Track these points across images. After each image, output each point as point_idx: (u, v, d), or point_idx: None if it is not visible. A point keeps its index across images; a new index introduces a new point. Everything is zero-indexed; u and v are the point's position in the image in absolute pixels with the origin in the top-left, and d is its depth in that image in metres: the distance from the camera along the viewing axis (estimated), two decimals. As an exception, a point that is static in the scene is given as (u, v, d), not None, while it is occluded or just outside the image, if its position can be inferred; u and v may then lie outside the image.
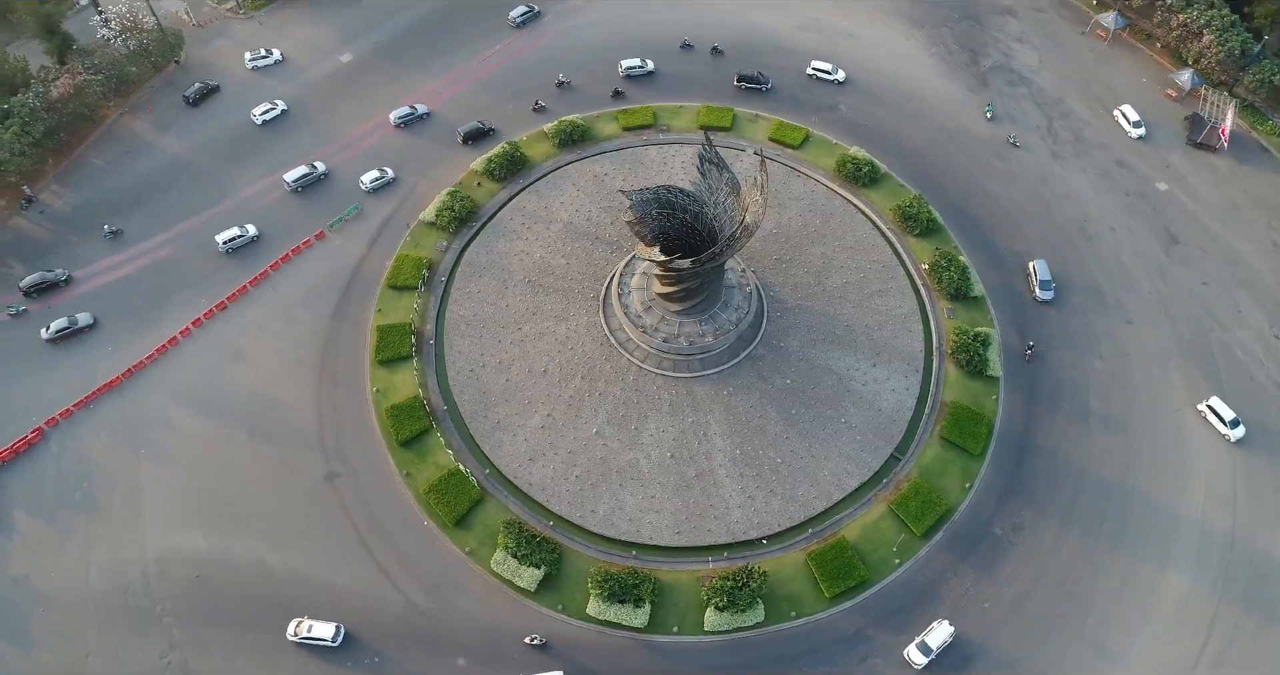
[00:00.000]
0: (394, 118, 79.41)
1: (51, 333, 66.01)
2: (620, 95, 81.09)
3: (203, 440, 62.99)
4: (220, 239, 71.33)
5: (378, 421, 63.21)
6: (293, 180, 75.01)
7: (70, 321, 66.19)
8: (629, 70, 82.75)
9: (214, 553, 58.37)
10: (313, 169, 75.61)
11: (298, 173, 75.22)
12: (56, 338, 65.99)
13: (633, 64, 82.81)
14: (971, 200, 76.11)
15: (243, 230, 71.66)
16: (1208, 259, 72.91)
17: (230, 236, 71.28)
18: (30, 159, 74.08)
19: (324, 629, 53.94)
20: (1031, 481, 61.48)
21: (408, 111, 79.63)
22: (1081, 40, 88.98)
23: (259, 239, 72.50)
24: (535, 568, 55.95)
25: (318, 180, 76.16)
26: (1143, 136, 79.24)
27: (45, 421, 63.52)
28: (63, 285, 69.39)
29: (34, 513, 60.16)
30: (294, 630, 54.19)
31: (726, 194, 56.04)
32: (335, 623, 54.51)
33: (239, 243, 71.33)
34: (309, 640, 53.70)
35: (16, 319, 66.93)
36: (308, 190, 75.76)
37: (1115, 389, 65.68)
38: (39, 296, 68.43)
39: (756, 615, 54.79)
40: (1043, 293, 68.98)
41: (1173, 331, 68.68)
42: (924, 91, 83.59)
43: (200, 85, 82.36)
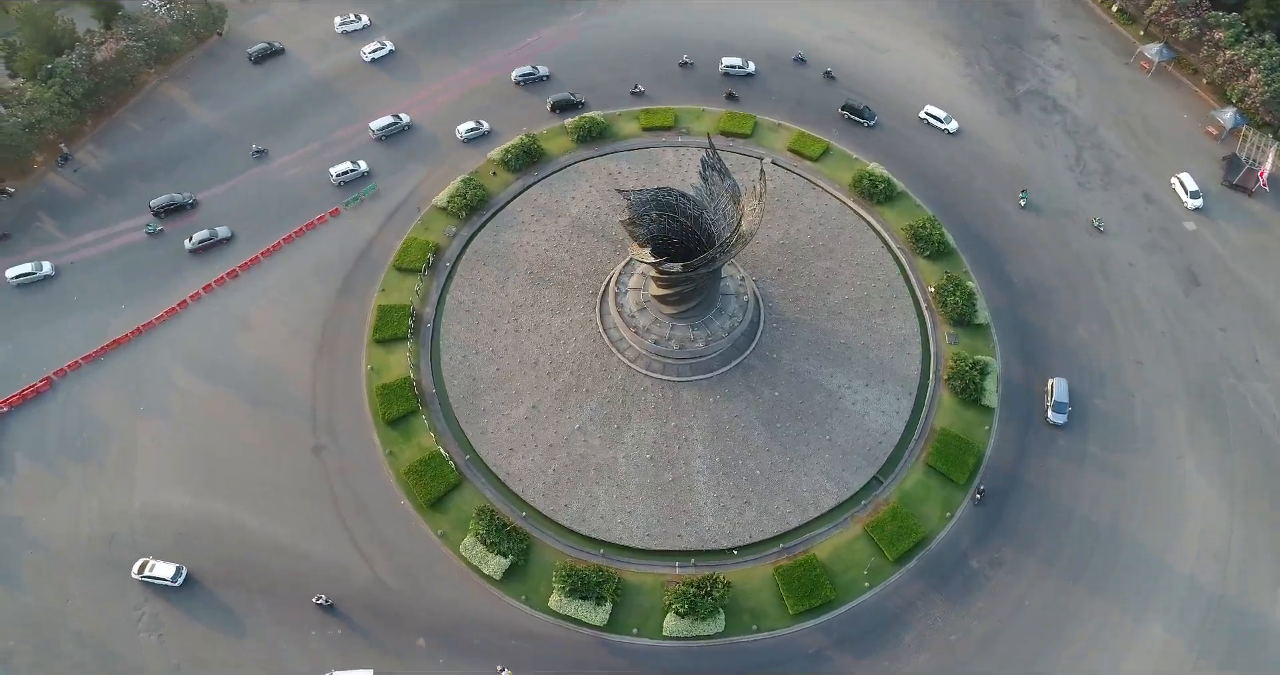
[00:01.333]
0: (516, 75, 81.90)
1: (194, 243, 71.15)
2: (734, 98, 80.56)
3: (201, 402, 64.78)
4: (334, 171, 75.45)
5: (368, 399, 64.32)
6: (378, 129, 78.16)
7: (211, 233, 71.61)
8: (729, 68, 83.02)
9: (198, 512, 60.01)
10: (397, 119, 78.64)
11: (383, 122, 78.41)
12: (198, 248, 71.34)
13: (733, 62, 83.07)
14: (988, 226, 74.62)
15: (355, 164, 75.75)
16: (1229, 303, 70.45)
17: (343, 170, 75.38)
18: (69, 118, 76.89)
19: (165, 569, 56.20)
20: (1015, 517, 60.10)
21: (528, 70, 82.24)
22: (1124, 70, 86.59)
23: (370, 174, 76.10)
24: (503, 557, 56.45)
25: (401, 131, 78.95)
26: (1201, 209, 74.45)
27: (54, 372, 65.94)
28: (189, 207, 73.97)
29: (35, 458, 62.48)
30: (137, 570, 56.45)
31: (727, 201, 55.80)
32: (177, 564, 56.77)
33: (350, 177, 75.47)
34: (150, 579, 56.02)
35: (154, 237, 72.41)
36: (392, 139, 78.60)
37: (1115, 431, 63.88)
38: (167, 217, 73.33)
39: (716, 625, 54.55)
40: (1055, 415, 62.26)
41: (1183, 376, 66.53)
42: (953, 112, 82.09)
43: (264, 46, 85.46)
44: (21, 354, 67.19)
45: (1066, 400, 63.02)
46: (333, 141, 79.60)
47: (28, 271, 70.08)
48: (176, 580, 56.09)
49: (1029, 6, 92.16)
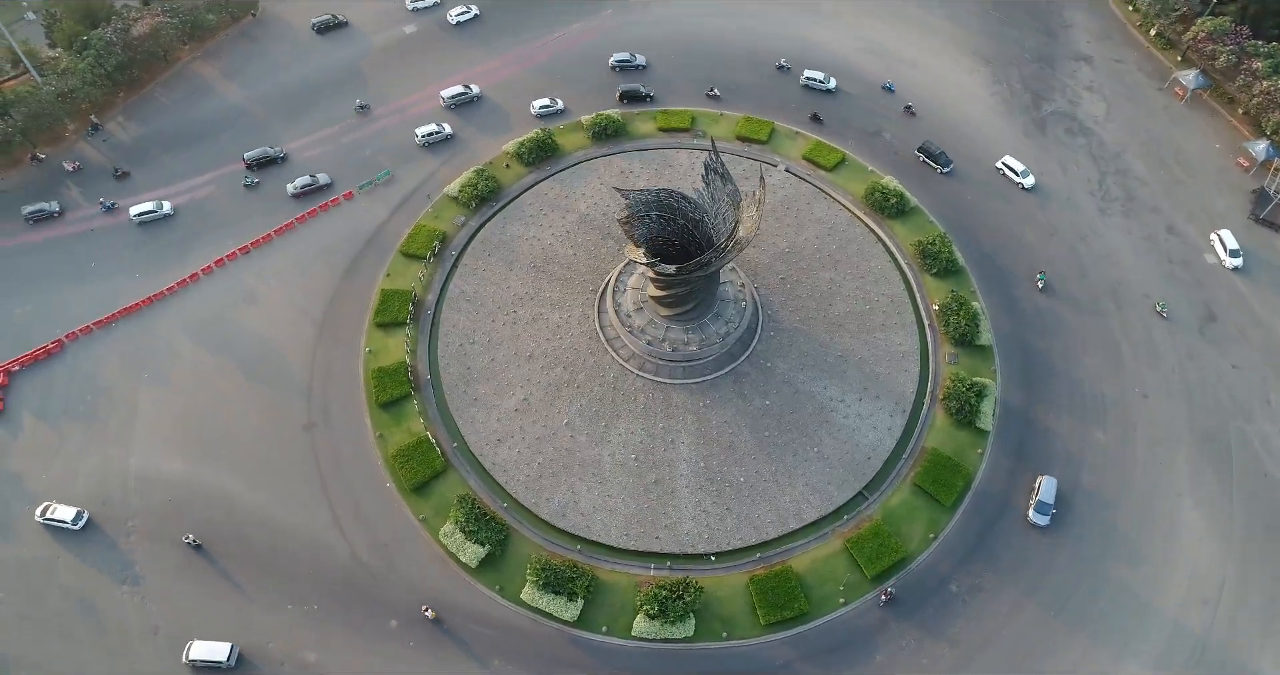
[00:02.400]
0: (613, 60, 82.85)
1: (296, 187, 74.74)
2: (819, 121, 78.64)
3: (202, 373, 66.14)
4: (420, 132, 77.52)
5: (364, 381, 65.16)
6: (449, 97, 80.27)
7: (312, 178, 74.97)
8: (810, 80, 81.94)
9: (189, 480, 61.28)
10: (467, 89, 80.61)
11: (453, 91, 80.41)
12: (299, 193, 74.84)
13: (815, 75, 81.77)
14: (1001, 247, 73.40)
15: (440, 127, 77.93)
16: (1245, 342, 68.49)
17: (429, 131, 77.52)
18: (101, 89, 78.97)
19: (66, 512, 57.58)
20: (1000, 544, 59.07)
21: (626, 56, 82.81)
22: (1157, 96, 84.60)
23: (452, 138, 78.26)
24: (480, 545, 56.85)
25: (471, 101, 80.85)
26: (1239, 268, 70.89)
27: (66, 334, 67.80)
28: (280, 162, 76.85)
29: (39, 417, 64.29)
30: (39, 513, 57.85)
31: (727, 205, 55.59)
32: (78, 508, 57.93)
33: (436, 138, 77.73)
34: (52, 522, 57.44)
35: (250, 189, 75.64)
36: (461, 108, 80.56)
37: (1113, 464, 62.49)
38: (259, 169, 76.44)
39: (686, 629, 54.39)
40: (1037, 515, 58.09)
41: (1189, 414, 64.83)
42: (976, 129, 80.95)
43: (329, 17, 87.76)
44: (39, 315, 69.19)
45: (1052, 502, 58.48)
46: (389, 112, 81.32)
47: (149, 210, 73.19)
48: (77, 523, 57.38)
49: (1066, 26, 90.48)
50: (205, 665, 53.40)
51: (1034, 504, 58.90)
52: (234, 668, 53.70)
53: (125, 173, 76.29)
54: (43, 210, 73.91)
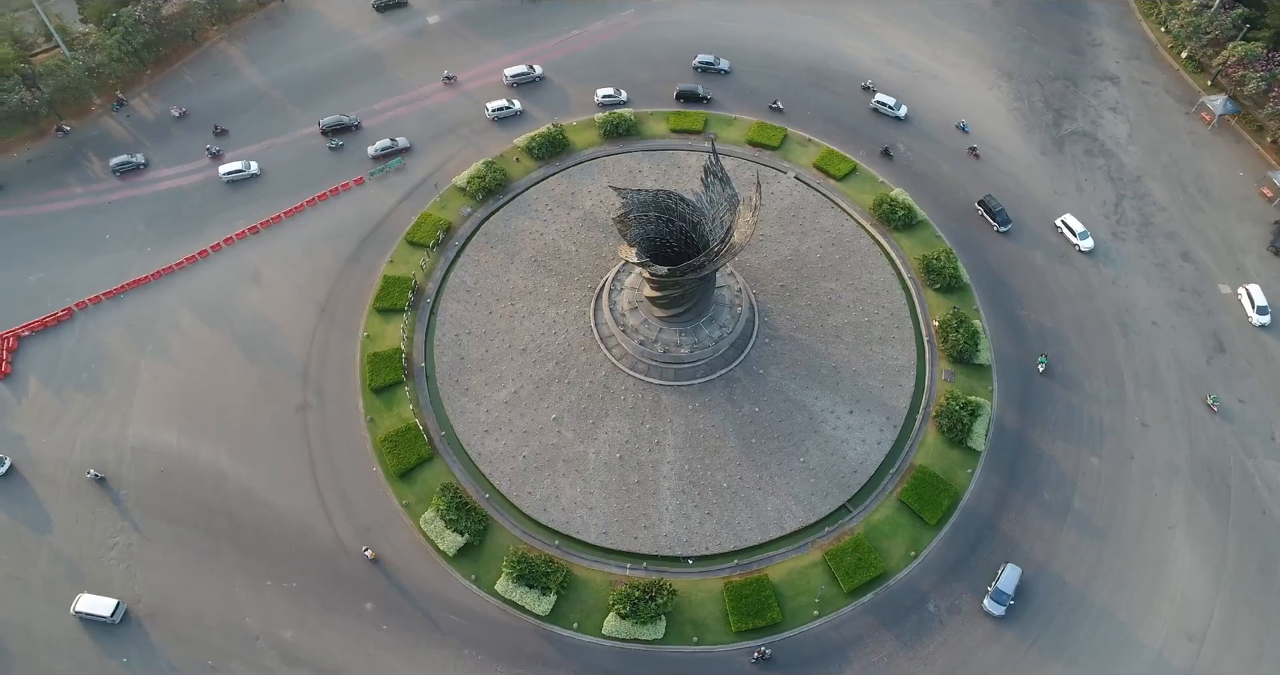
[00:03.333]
0: (697, 61, 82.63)
1: (376, 150, 77.51)
2: (889, 156, 76.18)
3: (203, 349, 67.34)
4: (490, 107, 79.94)
5: (359, 364, 65.90)
6: (511, 75, 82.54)
7: (392, 141, 77.77)
8: (880, 105, 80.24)
9: (182, 452, 62.41)
10: (530, 70, 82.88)
11: (516, 70, 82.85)
12: (379, 155, 77.57)
13: (886, 101, 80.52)
14: (1008, 266, 72.35)
15: (510, 103, 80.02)
16: (1254, 376, 66.84)
17: (498, 106, 79.82)
18: (127, 66, 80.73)
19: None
20: (983, 566, 58.20)
21: (710, 58, 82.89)
22: (1183, 120, 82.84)
23: (522, 115, 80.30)
24: (459, 534, 57.24)
25: (532, 81, 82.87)
26: (1265, 326, 67.54)
27: (77, 303, 69.39)
28: (354, 129, 79.40)
29: (45, 382, 65.90)
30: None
31: (725, 209, 55.43)
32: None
33: (505, 113, 79.84)
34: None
35: (335, 151, 78.73)
36: (523, 88, 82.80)
37: (1106, 492, 61.32)
38: (332, 135, 79.19)
39: (656, 631, 54.33)
40: (992, 604, 54.57)
41: (1189, 445, 63.43)
42: (992, 146, 79.86)
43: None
44: (52, 282, 70.91)
45: (1011, 592, 54.81)
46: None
47: (238, 169, 76.04)
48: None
49: (1094, 45, 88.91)
50: (90, 618, 54.66)
51: (991, 591, 55.27)
52: (118, 623, 54.88)
53: (224, 130, 79.12)
54: (128, 162, 76.41)
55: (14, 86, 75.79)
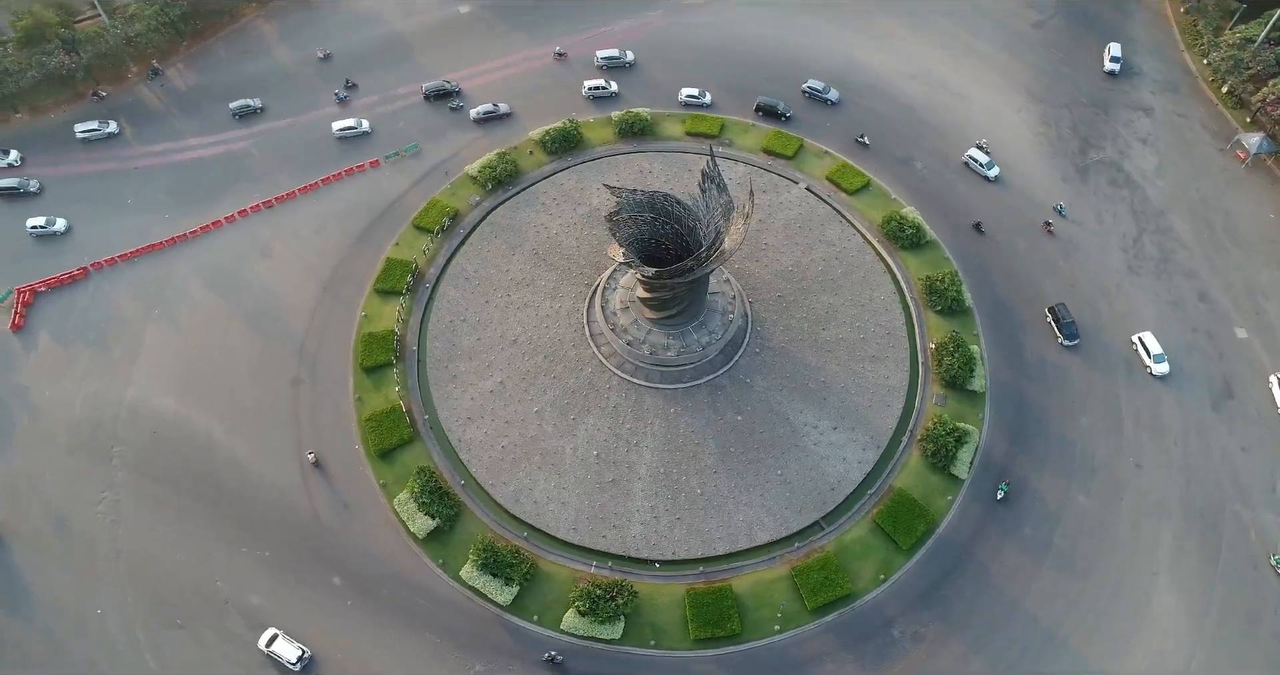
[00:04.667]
0: (805, 86, 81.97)
1: (479, 113, 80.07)
2: (979, 231, 72.40)
3: (207, 317, 69.06)
4: (587, 85, 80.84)
5: (354, 343, 66.97)
6: (602, 57, 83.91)
7: (494, 106, 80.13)
8: None
9: (177, 417, 64.09)
10: (623, 55, 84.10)
11: (607, 52, 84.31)
12: (482, 118, 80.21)
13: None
14: (1016, 293, 70.79)
15: (607, 84, 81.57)
16: (1260, 425, 64.52)
17: (595, 85, 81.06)
18: (164, 36, 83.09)
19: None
20: (953, 596, 57.17)
21: (819, 84, 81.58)
22: (1216, 156, 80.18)
23: (617, 96, 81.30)
24: (430, 518, 57.90)
25: (624, 67, 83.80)
26: None
27: (93, 263, 71.62)
28: (455, 95, 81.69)
29: (55, 337, 68.17)
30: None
31: (719, 215, 55.17)
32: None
33: (601, 95, 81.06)
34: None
35: (456, 112, 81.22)
36: (615, 71, 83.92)
37: (1091, 531, 59.76)
38: (435, 101, 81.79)
39: (614, 631, 54.38)
40: None
41: (1184, 490, 61.48)
42: (1013, 171, 78.19)
43: None
44: (74, 241, 73.29)
45: None
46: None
47: (350, 125, 78.71)
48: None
49: (1131, 73, 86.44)
50: None
51: None
52: None
53: (354, 84, 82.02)
54: (248, 106, 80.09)
55: (54, 50, 78.40)
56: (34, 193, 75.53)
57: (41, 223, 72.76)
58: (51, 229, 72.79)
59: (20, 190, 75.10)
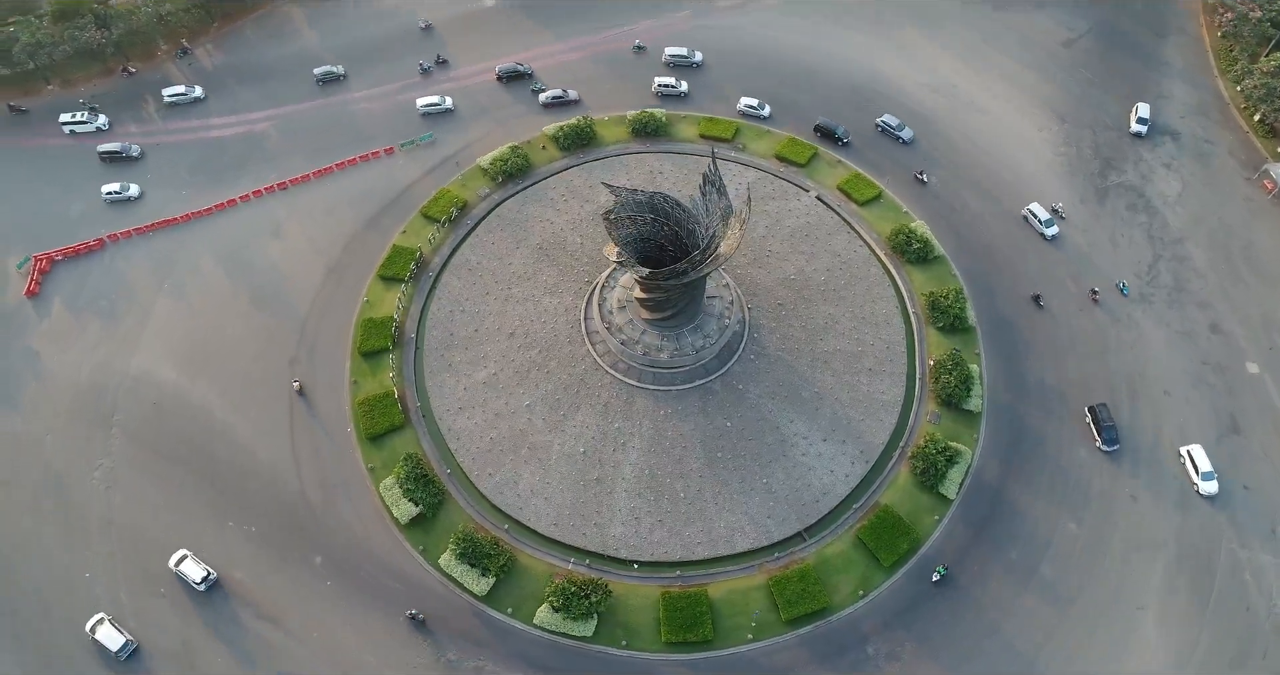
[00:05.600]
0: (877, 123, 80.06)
1: (548, 98, 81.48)
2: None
3: (215, 294, 70.32)
4: (657, 82, 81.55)
5: (354, 327, 67.74)
6: (671, 54, 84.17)
7: (563, 92, 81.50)
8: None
9: (178, 389, 65.33)
10: (691, 54, 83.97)
11: (676, 51, 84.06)
12: (550, 103, 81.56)
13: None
14: (1022, 315, 69.67)
15: (677, 83, 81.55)
16: (1266, 463, 62.85)
17: (664, 83, 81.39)
18: (195, 16, 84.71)
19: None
20: (931, 618, 56.42)
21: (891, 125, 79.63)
22: (1242, 186, 78.23)
23: (686, 97, 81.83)
24: (414, 504, 58.42)
25: (691, 66, 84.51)
26: None
27: (109, 235, 73.22)
28: (528, 77, 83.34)
29: (68, 305, 69.81)
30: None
31: (718, 219, 54.98)
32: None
33: (670, 93, 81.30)
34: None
35: (537, 93, 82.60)
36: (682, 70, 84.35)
37: (1079, 560, 58.63)
38: (508, 82, 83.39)
39: (586, 629, 54.48)
40: None
41: (1180, 525, 60.10)
42: (1029, 189, 76.96)
43: None
44: (94, 211, 75.00)
45: None
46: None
47: (434, 102, 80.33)
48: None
49: (1160, 97, 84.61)
50: None
51: None
52: None
53: (445, 60, 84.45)
54: (331, 72, 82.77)
55: (87, 25, 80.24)
56: (135, 157, 77.63)
57: (116, 188, 74.98)
58: (125, 194, 74.92)
59: (123, 154, 77.42)
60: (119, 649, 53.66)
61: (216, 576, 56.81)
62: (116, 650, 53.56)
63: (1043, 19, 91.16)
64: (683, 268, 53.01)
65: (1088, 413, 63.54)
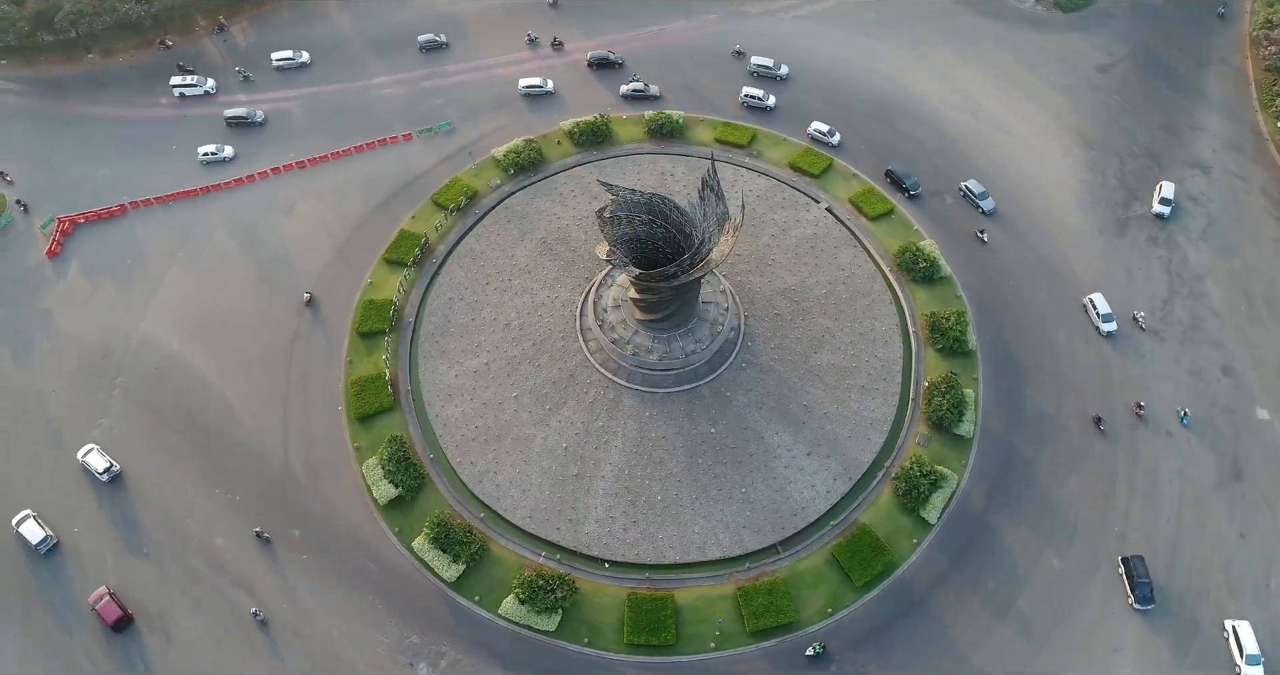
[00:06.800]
0: None
1: (629, 90, 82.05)
2: (1100, 429, 62.99)
3: (225, 266, 71.89)
4: (744, 94, 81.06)
5: (355, 307, 68.75)
6: (756, 65, 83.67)
7: (644, 85, 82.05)
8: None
9: (180, 356, 66.94)
10: (776, 66, 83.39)
11: (761, 61, 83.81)
12: (630, 96, 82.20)
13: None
14: (1025, 342, 68.25)
15: (764, 97, 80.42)
16: (1264, 512, 60.80)
17: (751, 94, 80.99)
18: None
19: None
20: (900, 641, 55.59)
21: None
22: (1271, 225, 75.71)
23: (773, 111, 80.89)
24: (393, 486, 59.14)
25: (775, 79, 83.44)
26: None
27: (130, 202, 75.26)
28: (619, 67, 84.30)
29: (84, 268, 71.93)
30: None
31: (714, 224, 54.75)
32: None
33: (755, 105, 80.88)
34: None
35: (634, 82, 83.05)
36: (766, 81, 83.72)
37: (1057, 596, 57.31)
38: (599, 68, 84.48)
39: (549, 623, 54.69)
40: None
41: (1168, 569, 58.33)
42: (1046, 214, 75.37)
43: None
44: (119, 179, 77.13)
45: None
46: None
47: (535, 83, 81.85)
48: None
49: (1194, 128, 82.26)
50: None
51: None
52: None
53: (560, 42, 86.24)
54: (435, 40, 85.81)
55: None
56: (259, 123, 80.00)
57: (212, 150, 77.53)
58: (220, 155, 77.44)
59: (249, 120, 79.82)
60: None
61: (119, 468, 60.55)
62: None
63: (1080, 42, 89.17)
64: (673, 271, 52.87)
65: (1120, 564, 57.15)
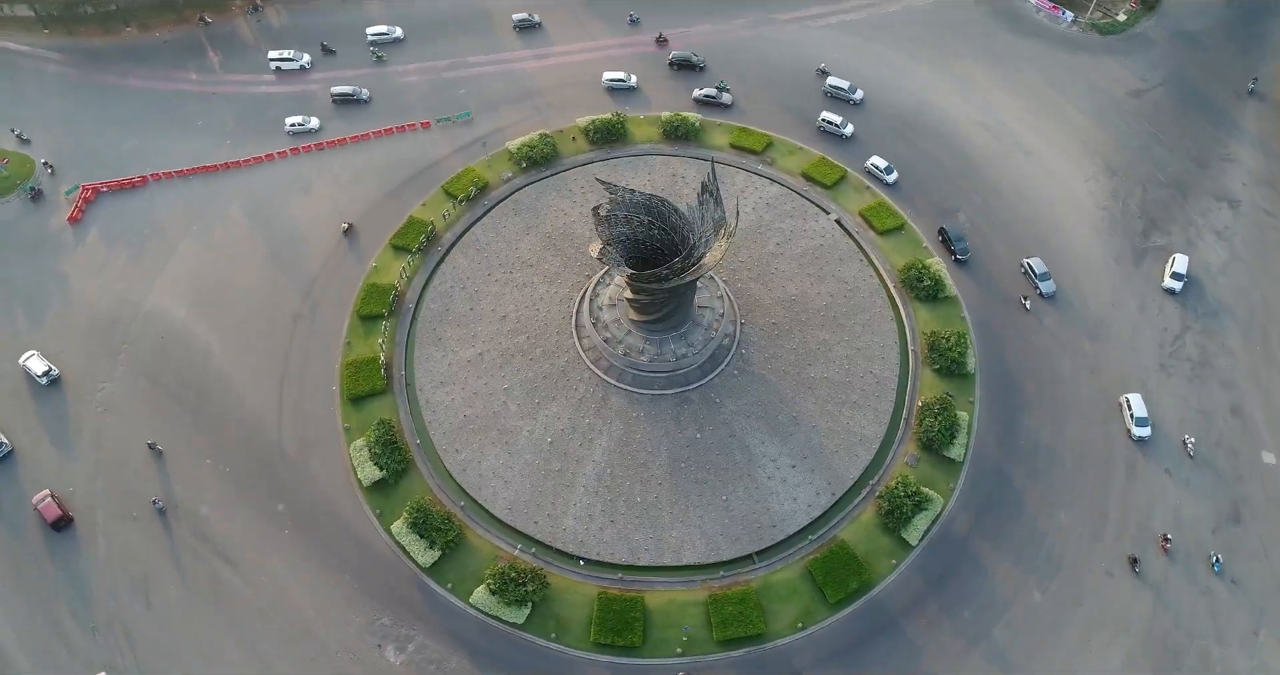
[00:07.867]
0: None
1: (700, 94, 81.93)
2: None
3: (235, 240, 73.31)
4: (821, 119, 79.30)
5: (358, 290, 69.65)
6: (831, 86, 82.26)
7: (716, 92, 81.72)
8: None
9: (184, 328, 68.36)
10: (852, 90, 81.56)
11: (836, 83, 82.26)
12: (701, 100, 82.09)
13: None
14: (1026, 368, 66.93)
15: (842, 126, 78.84)
16: (1261, 559, 58.93)
17: (827, 119, 79.33)
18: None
19: None
20: (871, 662, 54.81)
21: None
22: (1298, 264, 73.38)
23: (849, 140, 78.70)
24: (378, 468, 59.80)
25: (849, 102, 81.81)
26: None
27: (152, 174, 77.04)
28: (699, 70, 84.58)
29: (102, 235, 73.82)
30: None
31: (710, 229, 54.51)
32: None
33: (830, 131, 79.18)
34: None
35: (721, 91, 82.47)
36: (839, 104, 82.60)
37: (1036, 629, 56.13)
38: (680, 68, 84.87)
39: (518, 616, 54.90)
40: None
41: (1152, 612, 56.87)
42: (1061, 239, 73.85)
43: None
44: (144, 150, 79.03)
45: None
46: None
47: (619, 77, 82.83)
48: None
49: (1225, 160, 79.97)
50: None
51: None
52: None
53: (665, 39, 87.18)
54: (527, 20, 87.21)
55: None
56: (364, 101, 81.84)
57: (300, 121, 79.68)
58: (307, 126, 79.52)
59: (355, 97, 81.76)
60: None
61: (58, 373, 63.97)
62: None
63: (1115, 66, 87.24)
64: (664, 273, 52.74)
65: None
